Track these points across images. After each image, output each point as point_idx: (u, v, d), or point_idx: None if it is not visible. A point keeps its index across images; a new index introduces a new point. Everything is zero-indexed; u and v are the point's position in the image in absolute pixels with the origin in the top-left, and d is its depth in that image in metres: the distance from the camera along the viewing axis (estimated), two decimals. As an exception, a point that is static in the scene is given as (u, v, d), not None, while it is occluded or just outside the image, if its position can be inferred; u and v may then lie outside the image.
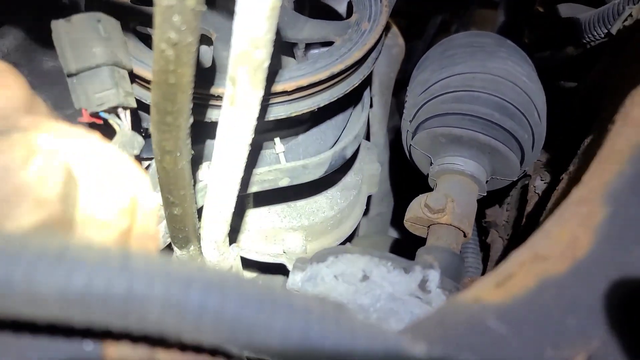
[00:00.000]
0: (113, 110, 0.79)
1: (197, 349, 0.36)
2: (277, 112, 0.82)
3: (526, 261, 0.45)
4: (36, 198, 0.37)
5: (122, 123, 0.81)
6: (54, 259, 0.31)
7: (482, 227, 1.44)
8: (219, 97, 0.76)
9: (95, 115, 0.77)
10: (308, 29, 0.92)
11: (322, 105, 0.85)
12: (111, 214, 0.41)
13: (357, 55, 0.85)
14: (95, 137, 0.46)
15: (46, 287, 0.30)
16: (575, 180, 0.53)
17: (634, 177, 0.48)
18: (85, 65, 0.72)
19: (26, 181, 0.38)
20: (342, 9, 1.11)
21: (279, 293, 0.33)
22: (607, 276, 0.43)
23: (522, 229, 1.08)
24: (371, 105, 1.41)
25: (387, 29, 1.01)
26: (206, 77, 0.79)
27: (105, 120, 0.79)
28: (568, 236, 0.45)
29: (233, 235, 1.14)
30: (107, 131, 0.81)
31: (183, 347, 0.36)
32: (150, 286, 0.32)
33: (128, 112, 0.80)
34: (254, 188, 0.90)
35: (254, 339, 0.33)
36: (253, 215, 1.12)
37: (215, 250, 0.85)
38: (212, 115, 0.80)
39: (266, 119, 0.82)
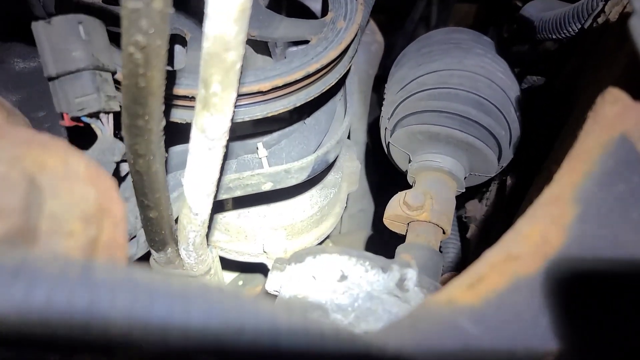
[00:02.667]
0: (95, 115, 0.77)
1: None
2: (254, 112, 0.82)
3: (498, 261, 0.45)
4: (-2, 209, 0.36)
5: (104, 128, 0.80)
6: (11, 273, 0.30)
7: (463, 222, 1.45)
8: (193, 98, 0.76)
9: (76, 119, 0.76)
10: (283, 27, 0.91)
11: (298, 104, 0.84)
12: (77, 223, 0.40)
13: (332, 54, 0.84)
14: (62, 143, 0.46)
15: (4, 303, 0.30)
16: (547, 178, 0.53)
17: (603, 176, 0.49)
18: (66, 69, 0.71)
19: (-13, 192, 0.37)
20: (317, 7, 1.11)
21: (244, 300, 0.32)
22: (577, 275, 0.43)
23: (497, 224, 1.08)
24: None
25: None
26: (180, 78, 0.78)
27: (88, 124, 0.78)
28: (539, 236, 0.46)
29: (213, 235, 1.13)
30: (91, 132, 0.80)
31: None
32: (112, 299, 0.31)
33: (111, 116, 0.79)
34: (237, 192, 0.90)
35: (222, 348, 0.32)
36: (233, 215, 1.12)
37: (193, 252, 0.85)
38: (186, 116, 0.79)
39: (242, 120, 0.81)
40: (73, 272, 0.31)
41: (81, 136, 0.76)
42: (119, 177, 0.87)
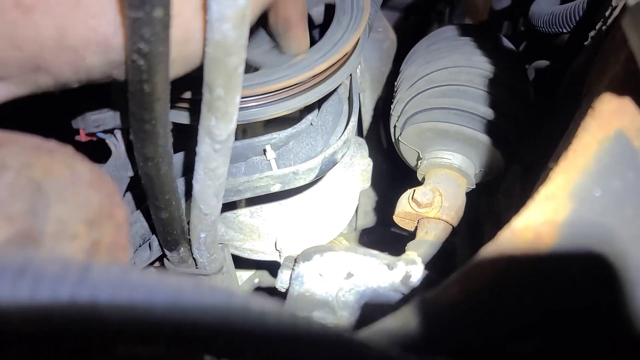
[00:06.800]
0: (109, 131, 0.80)
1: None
2: (264, 113, 0.83)
3: (491, 258, 0.46)
4: (6, 213, 0.38)
5: (119, 144, 0.83)
6: (16, 272, 0.32)
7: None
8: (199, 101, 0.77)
9: (92, 134, 0.79)
10: None
11: (306, 104, 0.85)
12: (81, 226, 0.42)
13: (342, 51, 0.85)
14: (68, 150, 0.48)
15: (11, 301, 0.32)
16: (546, 175, 0.53)
17: (598, 173, 0.49)
18: None
19: (-4, 198, 0.39)
20: (318, 10, 1.10)
21: (235, 297, 0.34)
22: (568, 273, 0.43)
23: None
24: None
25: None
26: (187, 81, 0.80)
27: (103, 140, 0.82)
28: (532, 234, 0.46)
29: (227, 234, 1.15)
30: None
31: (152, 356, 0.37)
32: (111, 295, 0.33)
33: (124, 132, 0.82)
34: (247, 194, 0.91)
35: (214, 344, 0.34)
36: (246, 215, 1.13)
37: (205, 252, 0.87)
38: (193, 118, 0.81)
39: (252, 121, 0.83)
40: (74, 271, 0.32)
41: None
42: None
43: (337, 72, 0.90)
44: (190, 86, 0.78)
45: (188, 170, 0.89)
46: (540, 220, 0.47)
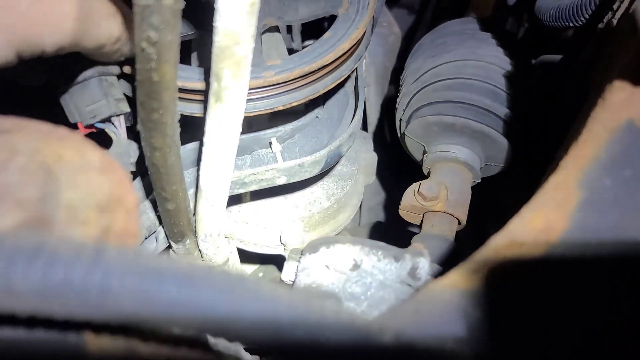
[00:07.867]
0: (107, 119, 0.80)
1: (176, 341, 0.37)
2: (271, 104, 0.82)
3: (502, 247, 0.46)
4: (17, 199, 0.38)
5: (118, 131, 0.83)
6: (30, 254, 0.32)
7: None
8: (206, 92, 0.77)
9: (90, 126, 0.79)
10: (303, 6, 0.92)
11: (313, 96, 0.85)
12: (92, 212, 0.42)
13: (345, 46, 0.85)
14: (78, 137, 0.48)
15: (24, 282, 0.32)
16: (555, 165, 0.53)
17: (609, 161, 0.49)
18: (73, 81, 0.74)
19: (7, 182, 0.39)
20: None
21: (248, 282, 0.34)
22: (579, 261, 0.43)
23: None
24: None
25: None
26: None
27: (102, 130, 0.81)
28: (542, 222, 0.46)
29: (231, 227, 1.15)
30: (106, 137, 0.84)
31: (162, 339, 0.37)
32: (124, 279, 0.33)
33: (122, 117, 0.82)
34: (252, 187, 0.91)
35: (227, 328, 0.34)
36: (251, 208, 1.13)
37: (211, 244, 0.87)
38: (201, 110, 0.80)
39: (257, 113, 0.83)
40: (87, 254, 0.32)
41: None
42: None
43: (342, 64, 0.90)
44: (198, 77, 0.78)
45: (195, 162, 0.89)
46: (551, 209, 0.47)
